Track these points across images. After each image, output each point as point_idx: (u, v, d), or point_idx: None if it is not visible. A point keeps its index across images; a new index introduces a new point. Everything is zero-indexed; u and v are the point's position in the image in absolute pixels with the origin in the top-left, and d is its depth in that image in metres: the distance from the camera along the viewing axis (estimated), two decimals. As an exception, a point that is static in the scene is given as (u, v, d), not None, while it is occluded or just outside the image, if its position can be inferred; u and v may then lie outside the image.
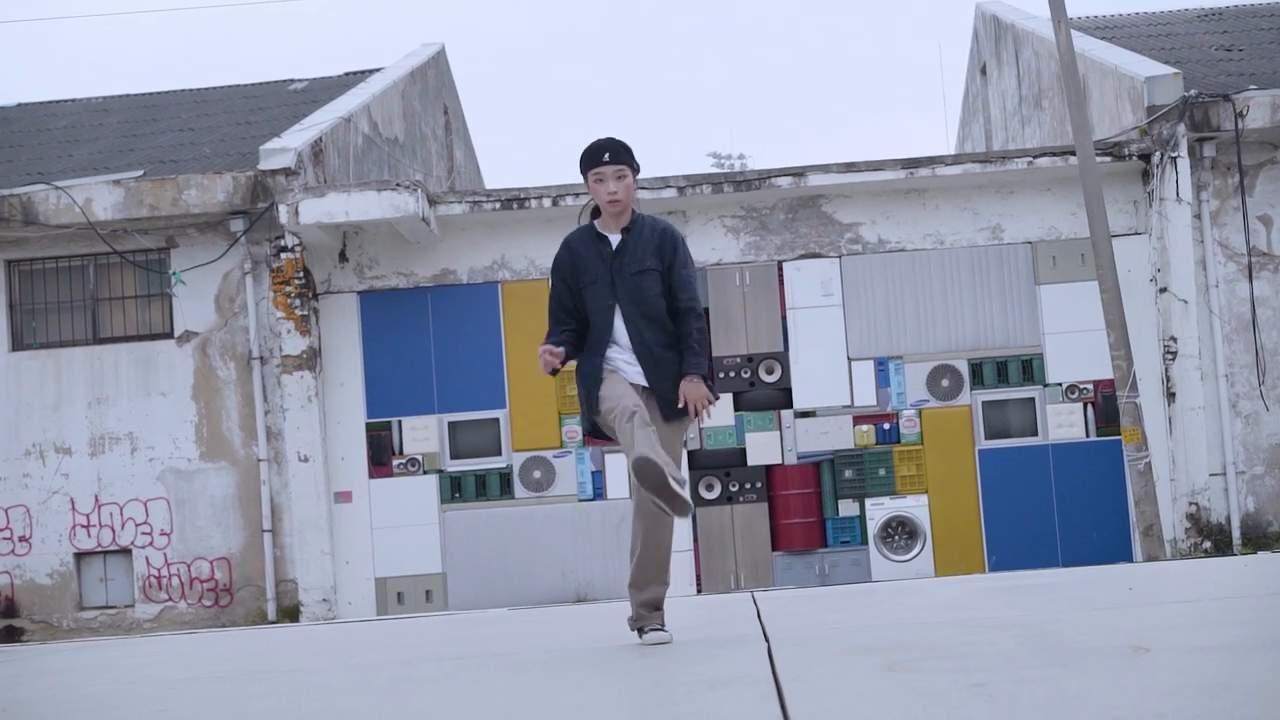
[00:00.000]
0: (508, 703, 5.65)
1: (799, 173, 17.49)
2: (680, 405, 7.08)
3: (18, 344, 17.88)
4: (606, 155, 7.11)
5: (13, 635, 17.37)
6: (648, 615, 7.20)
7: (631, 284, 7.11)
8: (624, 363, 7.15)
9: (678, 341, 7.15)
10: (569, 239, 7.32)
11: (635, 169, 7.19)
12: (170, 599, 17.45)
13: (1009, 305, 17.51)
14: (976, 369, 17.45)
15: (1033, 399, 17.40)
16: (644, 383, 7.14)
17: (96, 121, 21.78)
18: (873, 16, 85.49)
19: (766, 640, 6.86)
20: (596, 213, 7.32)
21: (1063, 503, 17.28)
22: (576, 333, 7.25)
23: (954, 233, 17.67)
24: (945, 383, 17.44)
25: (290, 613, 17.14)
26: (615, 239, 7.20)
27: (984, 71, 25.58)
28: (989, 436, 17.42)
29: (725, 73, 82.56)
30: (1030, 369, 17.43)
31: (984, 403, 17.42)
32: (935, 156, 17.65)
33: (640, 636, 7.20)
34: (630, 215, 7.21)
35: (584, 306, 7.22)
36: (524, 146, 73.05)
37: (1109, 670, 5.15)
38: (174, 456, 17.55)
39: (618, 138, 7.19)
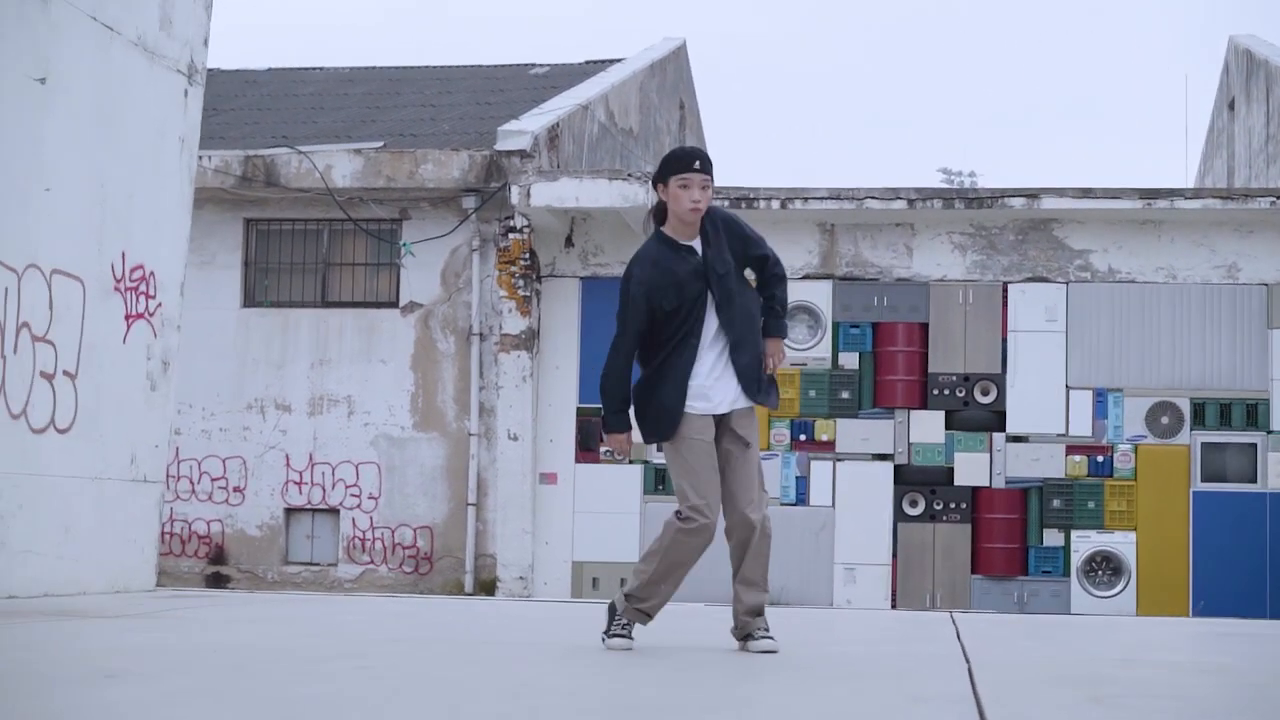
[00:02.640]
0: (700, 699, 5.66)
1: (1033, 194, 17.24)
2: (769, 368, 7.07)
3: (249, 300, 18.38)
4: (698, 162, 6.99)
5: (220, 582, 17.87)
6: (751, 622, 7.08)
7: (724, 285, 7.00)
8: (704, 385, 6.99)
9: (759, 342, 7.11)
10: (651, 255, 7.04)
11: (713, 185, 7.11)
12: (372, 562, 17.80)
13: (1238, 347, 17.06)
14: (1199, 409, 17.03)
15: (1255, 444, 16.94)
16: (722, 408, 7.00)
17: (341, 91, 22.29)
18: (1120, 42, 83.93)
19: (967, 661, 6.78)
20: (660, 220, 7.15)
21: (1276, 554, 16.80)
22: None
23: (1188, 268, 17.27)
24: (1165, 420, 17.06)
25: (487, 586, 17.39)
26: (698, 245, 7.05)
27: (1231, 106, 24.96)
28: (1205, 479, 17.00)
29: (962, 89, 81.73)
30: (1255, 414, 16.96)
31: (1203, 444, 17.00)
32: (1175, 189, 17.28)
33: (746, 644, 7.04)
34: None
35: (658, 330, 7.01)
36: (755, 147, 73.03)
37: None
38: (388, 423, 17.89)
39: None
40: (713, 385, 7.01)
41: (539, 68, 23.25)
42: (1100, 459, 17.12)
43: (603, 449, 17.07)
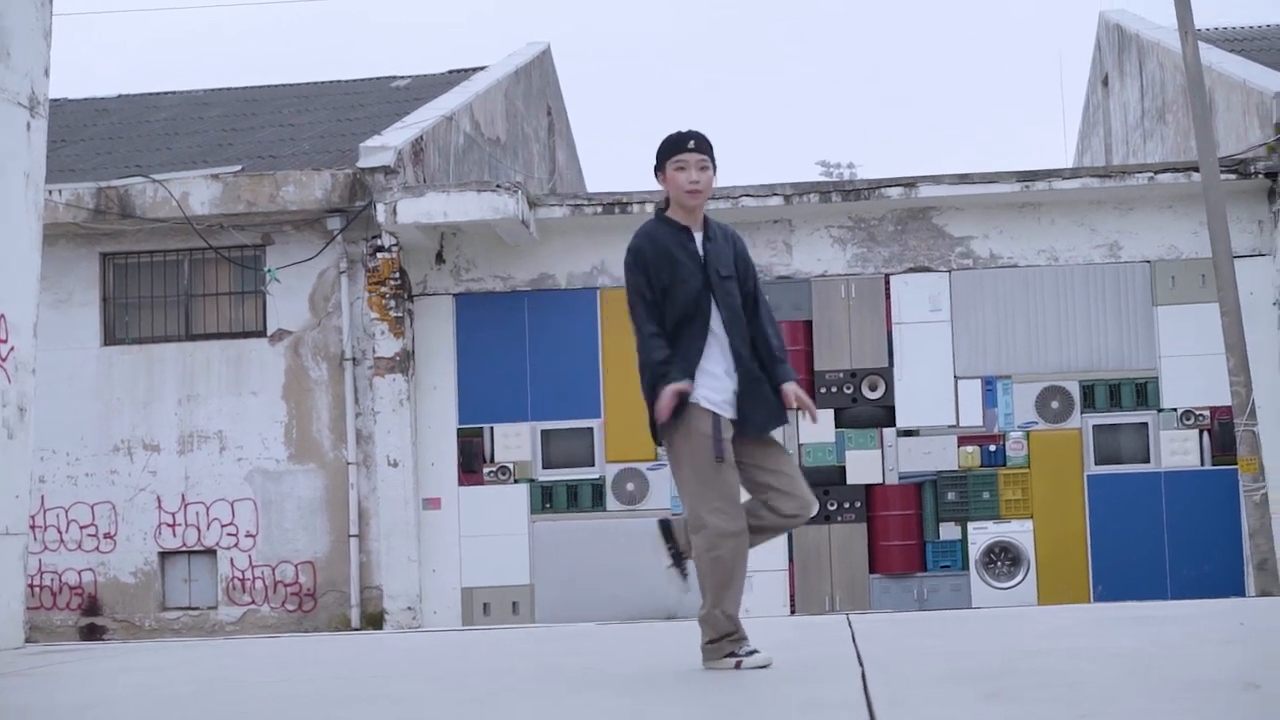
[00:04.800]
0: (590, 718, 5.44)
1: (910, 183, 17.03)
2: (793, 406, 6.56)
3: (110, 338, 17.78)
4: (692, 143, 6.72)
5: (95, 633, 17.25)
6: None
7: (725, 287, 6.65)
8: (712, 388, 6.56)
9: (756, 354, 6.68)
10: (647, 229, 6.77)
11: (715, 167, 6.79)
12: (253, 602, 17.23)
13: (1124, 326, 16.92)
14: (1088, 391, 16.87)
15: (1146, 424, 16.81)
16: (730, 413, 6.56)
17: (196, 115, 21.72)
18: (992, 24, 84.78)
19: (861, 664, 6.61)
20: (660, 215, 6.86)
21: (1174, 533, 16.68)
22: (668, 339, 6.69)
23: (1069, 249, 17.11)
24: (1055, 404, 16.88)
25: (374, 620, 16.89)
26: (699, 236, 6.74)
27: (1105, 83, 25.00)
28: (1099, 462, 16.84)
29: (837, 80, 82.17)
30: (1144, 393, 16.83)
31: (1095, 426, 16.85)
32: (1052, 170, 17.14)
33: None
34: (702, 218, 6.79)
35: (668, 303, 6.63)
36: (628, 150, 72.82)
37: (1218, 706, 4.95)
38: (263, 457, 17.35)
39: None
40: (729, 390, 6.61)
41: (400, 80, 22.83)
42: (993, 448, 16.92)
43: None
